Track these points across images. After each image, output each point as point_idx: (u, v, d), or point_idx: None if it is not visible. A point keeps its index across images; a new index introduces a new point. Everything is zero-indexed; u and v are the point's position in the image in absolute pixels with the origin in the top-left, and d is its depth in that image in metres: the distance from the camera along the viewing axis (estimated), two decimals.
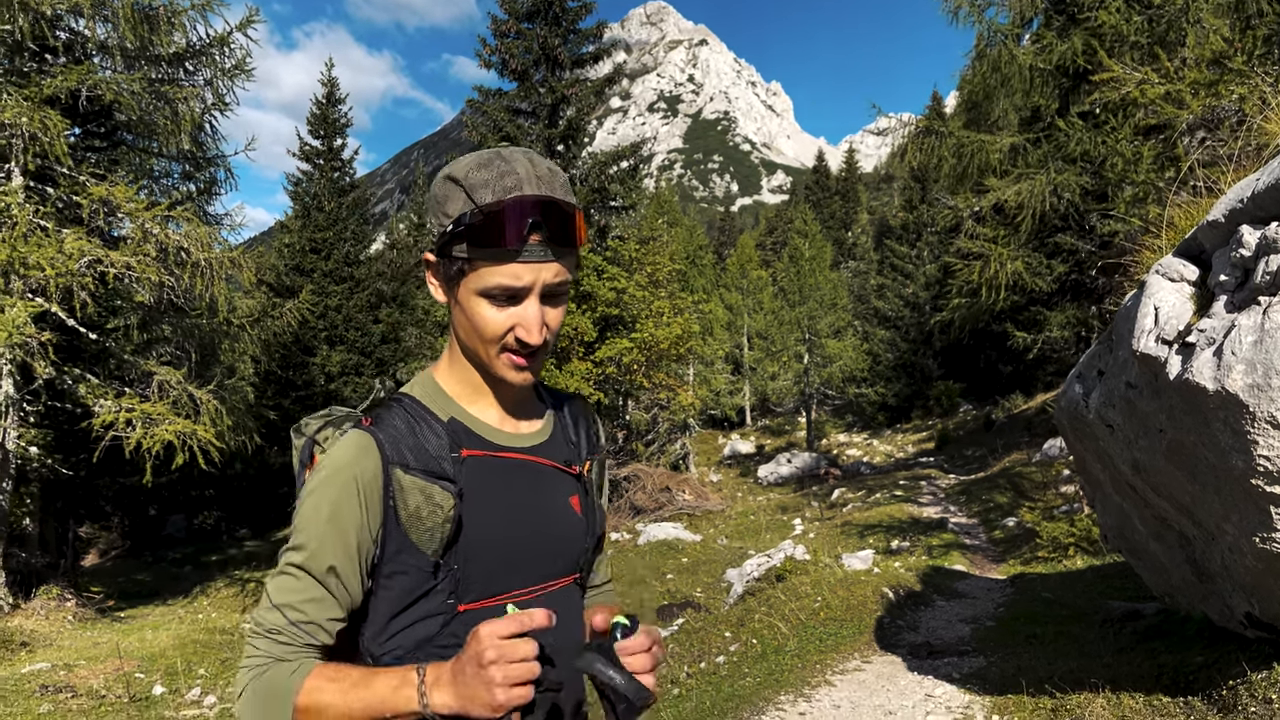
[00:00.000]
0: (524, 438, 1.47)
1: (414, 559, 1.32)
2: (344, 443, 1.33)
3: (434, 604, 1.33)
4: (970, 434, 33.37)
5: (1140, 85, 8.54)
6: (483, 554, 1.35)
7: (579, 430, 1.58)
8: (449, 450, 1.35)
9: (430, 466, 1.33)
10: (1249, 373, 3.32)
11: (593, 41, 23.04)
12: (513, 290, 1.30)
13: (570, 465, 1.50)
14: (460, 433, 1.39)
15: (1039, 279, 15.17)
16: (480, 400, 1.44)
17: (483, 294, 1.31)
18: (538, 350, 1.35)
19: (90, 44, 13.27)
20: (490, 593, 1.36)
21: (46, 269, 11.02)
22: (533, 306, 1.32)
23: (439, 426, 1.38)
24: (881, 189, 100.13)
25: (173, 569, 20.87)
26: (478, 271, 1.30)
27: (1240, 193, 3.73)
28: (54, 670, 9.19)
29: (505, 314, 1.32)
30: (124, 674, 9.12)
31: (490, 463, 1.39)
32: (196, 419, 12.65)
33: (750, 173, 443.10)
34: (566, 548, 1.47)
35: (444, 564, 1.32)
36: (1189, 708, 4.44)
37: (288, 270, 28.77)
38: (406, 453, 1.33)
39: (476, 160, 1.32)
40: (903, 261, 43.77)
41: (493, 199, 1.27)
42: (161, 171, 15.51)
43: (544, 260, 1.30)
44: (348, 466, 1.30)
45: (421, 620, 1.33)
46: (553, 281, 1.32)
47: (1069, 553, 12.16)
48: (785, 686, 6.93)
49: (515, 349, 1.34)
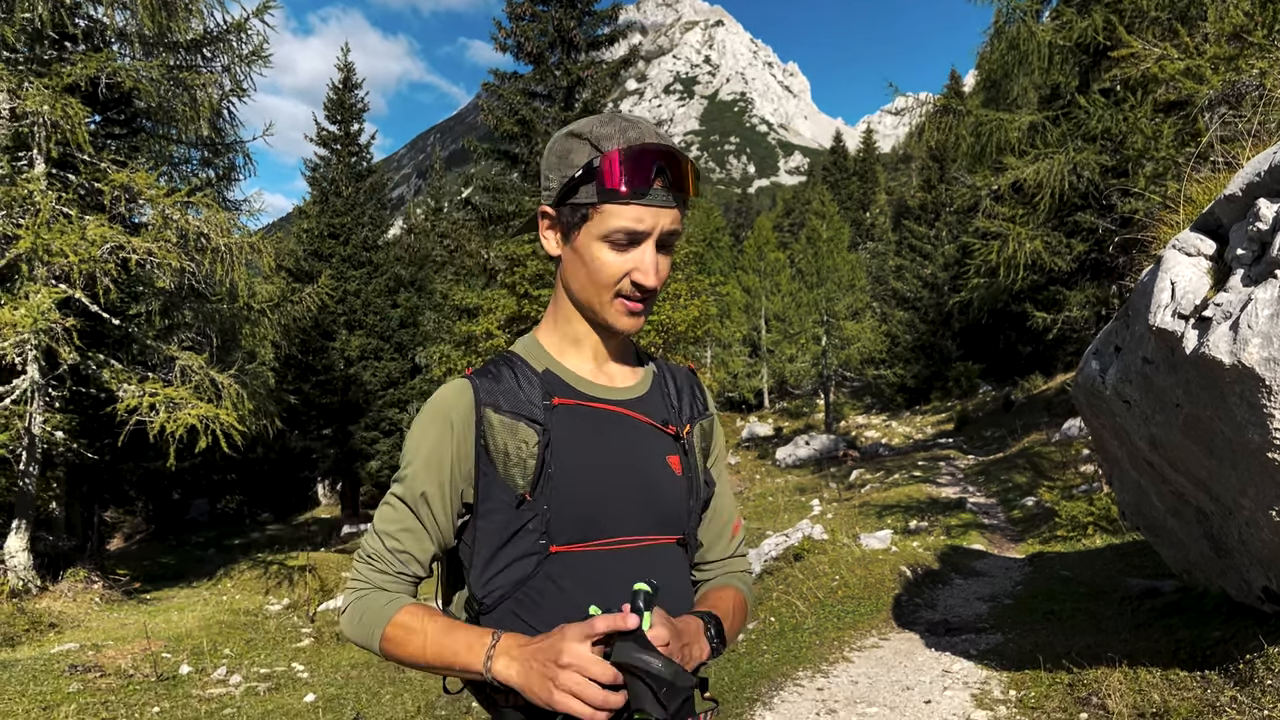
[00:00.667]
0: (618, 391, 1.51)
1: (504, 494, 1.38)
2: (443, 388, 1.45)
3: (527, 543, 1.38)
4: (989, 415, 33.24)
5: (1160, 61, 8.46)
6: (571, 497, 1.39)
7: (682, 395, 1.61)
8: (541, 398, 1.42)
9: (520, 410, 1.41)
10: (1265, 346, 3.32)
11: (608, 23, 22.94)
12: (635, 233, 1.36)
13: (667, 425, 1.52)
14: (553, 383, 1.46)
15: (1058, 258, 15.05)
16: (577, 354, 1.50)
17: (604, 238, 1.37)
18: (648, 297, 1.42)
19: (109, 31, 13.36)
20: (582, 537, 1.39)
21: (70, 255, 11.13)
22: (650, 251, 1.38)
23: (534, 377, 1.45)
24: (899, 169, 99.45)
25: (196, 552, 21.12)
26: (601, 215, 1.36)
27: (1257, 166, 3.72)
28: (82, 650, 9.33)
29: (623, 258, 1.38)
30: (151, 654, 9.25)
31: (580, 410, 1.44)
32: (218, 403, 12.78)
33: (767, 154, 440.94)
34: (663, 504, 1.48)
35: (532, 503, 1.37)
36: (1205, 681, 4.46)
37: (306, 255, 28.88)
38: (500, 397, 1.41)
39: (598, 119, 1.41)
40: (921, 242, 43.52)
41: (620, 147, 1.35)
42: (181, 158, 15.61)
43: (665, 205, 1.37)
44: (443, 407, 1.42)
45: (518, 560, 1.38)
46: (669, 229, 1.39)
47: (1088, 531, 12.15)
48: (803, 663, 6.98)
49: (629, 294, 1.40)
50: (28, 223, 11.37)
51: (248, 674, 8.97)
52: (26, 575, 12.19)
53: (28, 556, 12.38)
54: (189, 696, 8.03)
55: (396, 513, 1.42)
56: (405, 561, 1.42)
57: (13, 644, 9.91)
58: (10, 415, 11.86)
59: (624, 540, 1.42)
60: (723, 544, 1.67)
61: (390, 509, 1.43)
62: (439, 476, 1.40)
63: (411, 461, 1.41)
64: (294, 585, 14.64)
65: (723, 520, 1.67)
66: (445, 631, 1.33)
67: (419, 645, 1.34)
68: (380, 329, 29.77)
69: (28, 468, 12.32)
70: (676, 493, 1.50)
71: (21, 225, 11.48)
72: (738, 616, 1.56)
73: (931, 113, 16.00)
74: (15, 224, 11.64)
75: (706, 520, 1.63)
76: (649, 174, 1.34)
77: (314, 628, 11.59)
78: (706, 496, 1.60)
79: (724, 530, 1.67)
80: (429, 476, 1.40)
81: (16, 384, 11.93)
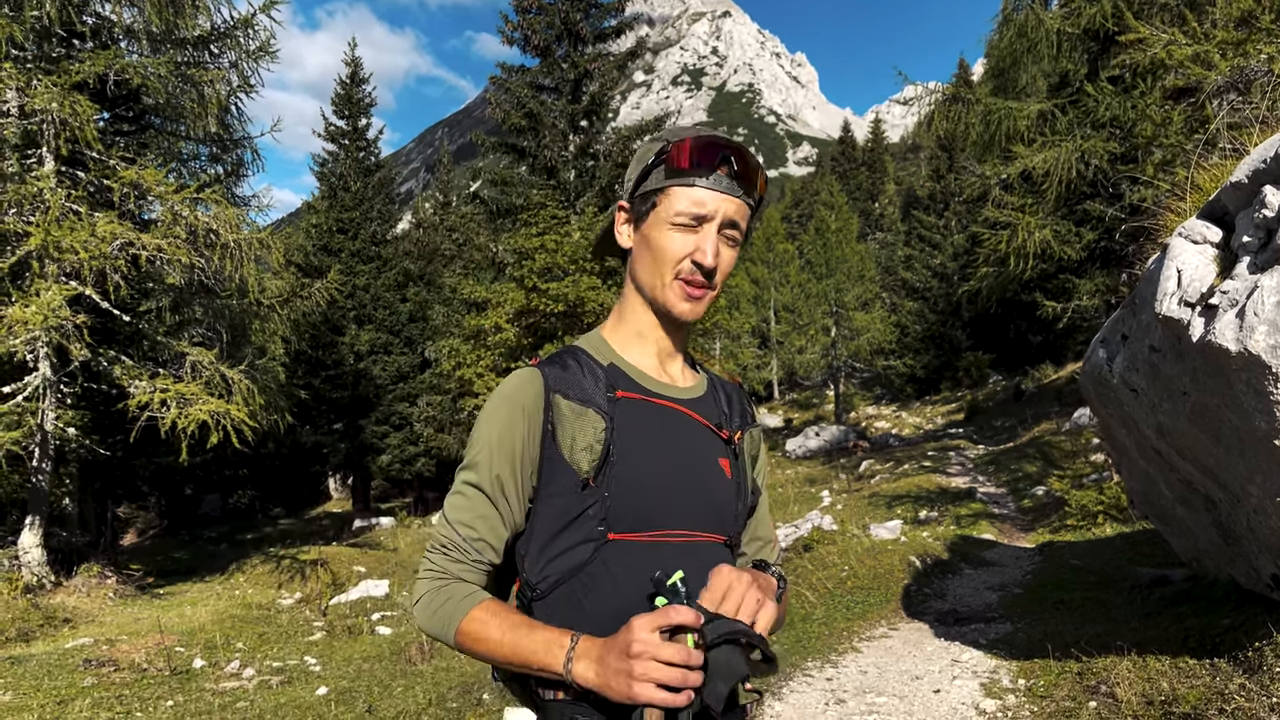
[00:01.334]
0: (678, 389, 1.55)
1: (568, 478, 1.40)
2: (511, 376, 1.48)
3: (586, 529, 1.40)
4: (999, 405, 33.16)
5: (1168, 46, 8.42)
6: (632, 485, 1.41)
7: (732, 404, 1.65)
8: (605, 390, 1.46)
9: (586, 398, 1.45)
10: (1272, 333, 3.31)
11: (614, 15, 22.90)
12: (699, 215, 1.43)
13: (720, 429, 1.56)
14: (617, 376, 1.50)
15: (1068, 247, 14.98)
16: (640, 350, 1.55)
17: (671, 220, 1.44)
18: (708, 284, 1.46)
19: (117, 28, 13.38)
20: (641, 527, 1.41)
21: (80, 252, 11.18)
22: (712, 233, 1.44)
23: (599, 370, 1.49)
24: (908, 159, 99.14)
25: (209, 547, 21.21)
26: (668, 198, 1.44)
27: (1264, 153, 3.70)
28: (96, 645, 9.40)
29: (687, 239, 1.44)
30: (164, 648, 9.32)
31: (643, 405, 1.48)
32: (229, 399, 12.83)
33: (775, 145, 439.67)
34: (714, 503, 1.51)
35: (595, 488, 1.40)
36: (1214, 669, 4.45)
37: (315, 250, 28.96)
38: (568, 386, 1.45)
39: (671, 129, 1.50)
40: (930, 232, 43.41)
41: (690, 138, 1.45)
42: (189, 154, 15.65)
43: (729, 193, 1.44)
44: (513, 392, 1.45)
45: (576, 546, 1.40)
46: (733, 216, 1.45)
47: (1098, 520, 12.12)
48: (813, 653, 6.99)
49: (689, 277, 1.45)
50: (38, 220, 11.43)
51: (260, 668, 9.02)
52: (40, 571, 12.27)
53: (41, 552, 12.46)
54: (202, 690, 8.08)
55: (469, 500, 1.45)
56: (481, 549, 1.44)
57: (27, 639, 9.98)
58: (23, 412, 11.93)
59: (678, 534, 1.44)
60: (766, 552, 1.72)
61: (462, 497, 1.46)
62: (511, 460, 1.43)
63: (483, 447, 1.44)
64: (306, 579, 14.71)
65: (764, 532, 1.72)
66: (523, 630, 1.33)
67: (495, 641, 1.34)
68: (389, 323, 29.85)
69: (40, 464, 12.40)
70: (727, 494, 1.53)
71: (32, 223, 11.53)
72: (785, 601, 1.58)
73: (940, 102, 15.94)
74: (25, 221, 11.68)
75: (750, 528, 1.68)
76: (714, 160, 1.42)
77: (326, 621, 11.64)
78: (752, 503, 1.64)
79: (768, 541, 1.73)
80: (502, 460, 1.43)
81: (28, 381, 12.01)
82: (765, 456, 1.74)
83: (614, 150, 22.39)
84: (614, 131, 22.97)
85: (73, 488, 15.02)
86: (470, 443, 1.47)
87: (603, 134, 22.83)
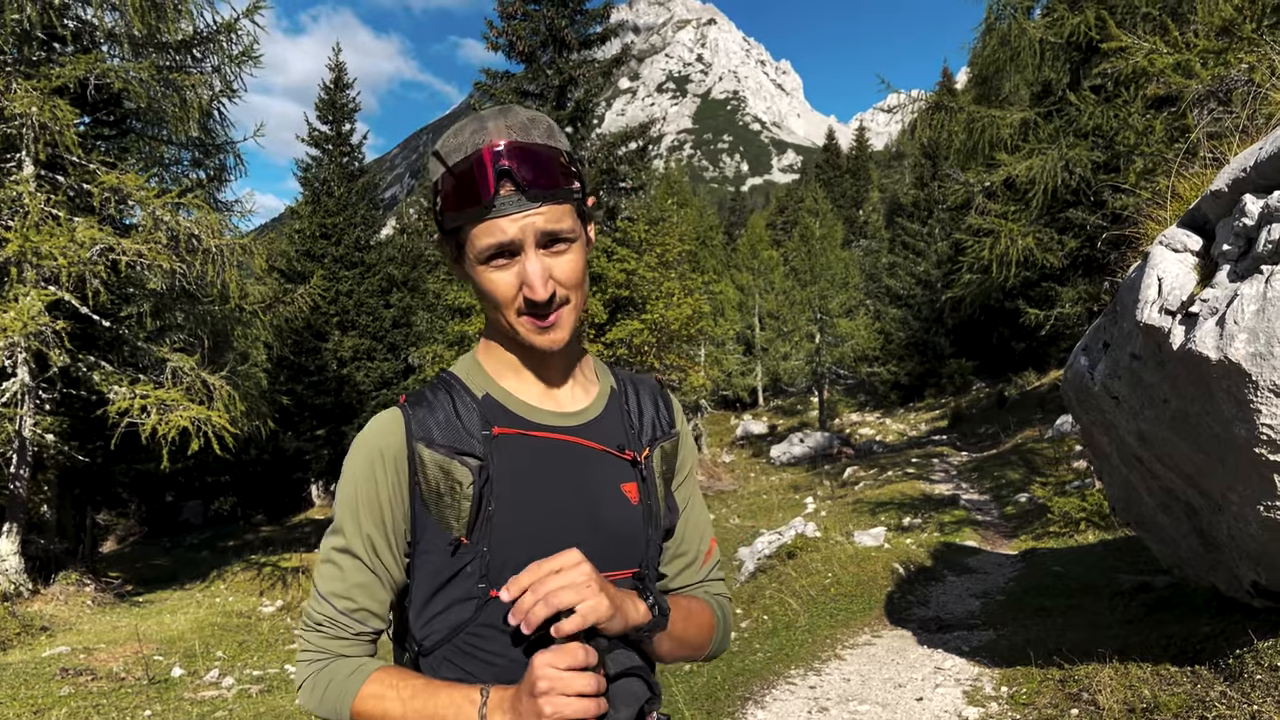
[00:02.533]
0: (567, 416, 1.38)
1: (437, 539, 1.27)
2: (372, 422, 1.31)
3: (465, 587, 1.27)
4: (983, 411, 33.28)
5: (1149, 55, 8.48)
6: (513, 537, 1.27)
7: (644, 413, 1.48)
8: (480, 428, 1.30)
9: (457, 443, 1.28)
10: (1251, 341, 3.32)
11: (600, 22, 22.91)
12: (503, 246, 1.22)
13: (623, 450, 1.39)
14: (494, 410, 1.33)
15: (1050, 254, 15.06)
16: (518, 377, 1.37)
17: (480, 261, 1.24)
18: (552, 307, 1.27)
19: (98, 32, 13.30)
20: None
21: (59, 258, 11.09)
22: (531, 261, 1.23)
23: (473, 404, 1.32)
24: (892, 166, 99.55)
25: (190, 554, 21.06)
26: (469, 237, 1.24)
27: (1243, 162, 3.72)
28: (74, 654, 9.31)
29: (511, 274, 1.25)
30: (143, 657, 9.23)
31: (524, 441, 1.31)
32: (210, 405, 12.73)
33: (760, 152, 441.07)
34: (617, 536, 1.35)
35: (470, 545, 1.26)
36: (1196, 676, 4.46)
37: (299, 256, 28.83)
38: (434, 429, 1.28)
39: (454, 128, 1.28)
40: (914, 239, 43.56)
41: (462, 159, 1.22)
42: (171, 159, 15.56)
43: (524, 209, 1.21)
44: (372, 441, 1.29)
45: (456, 604, 1.28)
46: (547, 229, 1.23)
47: (1080, 527, 12.17)
48: (796, 661, 6.98)
49: (531, 312, 1.27)
50: (16, 225, 11.34)
51: (240, 676, 8.95)
52: (18, 579, 12.15)
53: (19, 560, 12.35)
54: (180, 699, 8.00)
55: (342, 570, 1.29)
56: (363, 619, 1.30)
57: (4, 647, 9.88)
58: (1, 418, 11.82)
59: None
60: (691, 571, 1.55)
61: (333, 567, 1.30)
62: (379, 516, 1.28)
63: (348, 507, 1.29)
64: (287, 587, 14.61)
65: (691, 547, 1.55)
66: (425, 696, 1.21)
67: (398, 716, 1.21)
68: (373, 329, 29.74)
69: (19, 470, 12.29)
70: (633, 524, 1.38)
71: (10, 228, 11.44)
72: (695, 620, 1.45)
73: (924, 109, 16.02)
74: (4, 226, 11.60)
75: (671, 548, 1.52)
76: (489, 182, 1.20)
77: None
78: (669, 524, 1.48)
79: (695, 557, 1.56)
80: (369, 518, 1.28)
81: (7, 386, 11.90)
82: (692, 461, 1.57)
83: (599, 157, 22.40)
84: (599, 138, 22.98)
85: (51, 494, 14.88)
86: (336, 502, 1.32)
87: (588, 140, 22.83)
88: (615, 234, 22.42)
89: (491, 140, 1.22)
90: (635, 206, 24.92)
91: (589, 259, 1.38)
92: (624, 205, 24.07)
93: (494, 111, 1.28)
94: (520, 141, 1.23)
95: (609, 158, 22.47)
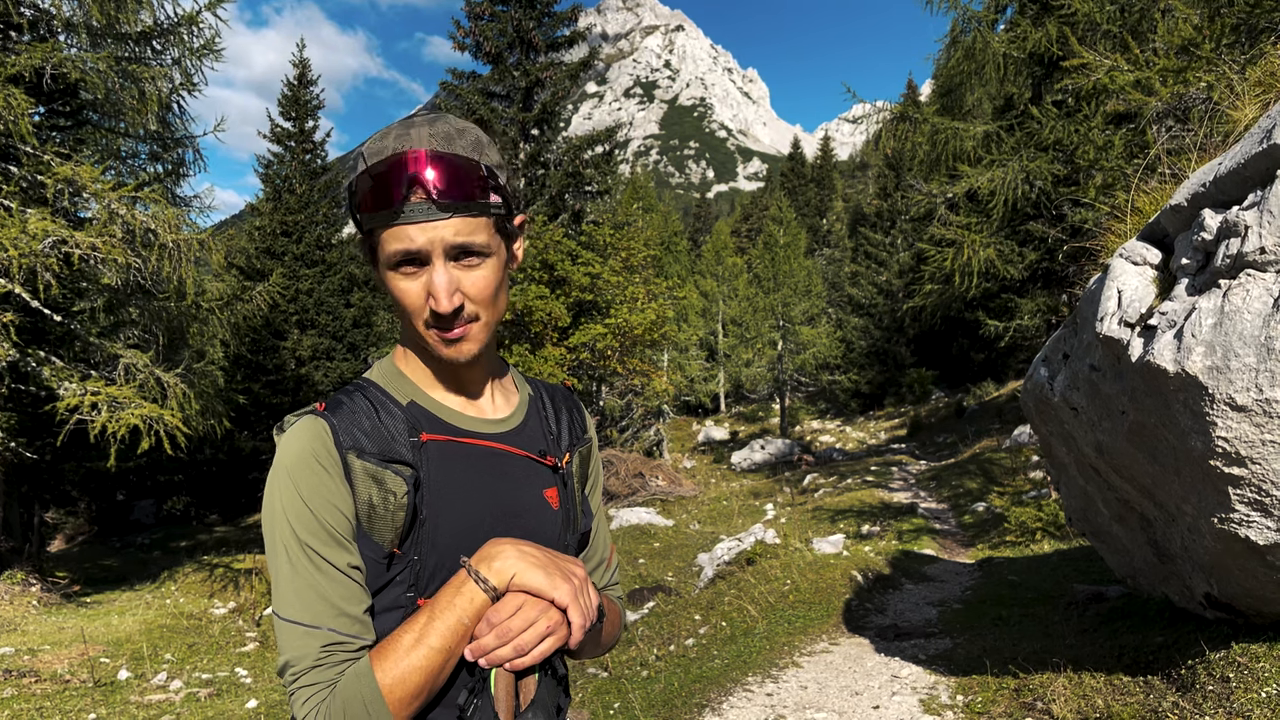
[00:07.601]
0: (491, 424, 1.37)
1: (369, 550, 1.22)
2: (296, 429, 1.23)
3: (393, 596, 1.23)
4: (942, 421, 33.62)
5: (1110, 72, 8.58)
6: (443, 545, 1.25)
7: (560, 421, 1.50)
8: (407, 435, 1.26)
9: (386, 451, 1.23)
10: (1209, 355, 3.35)
11: (568, 25, 22.91)
12: (409, 254, 1.20)
13: (545, 456, 1.40)
14: (420, 417, 1.30)
15: (1011, 266, 15.26)
16: (441, 385, 1.35)
17: (388, 265, 1.22)
18: (459, 321, 1.24)
19: (56, 21, 13.02)
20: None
21: (9, 249, 10.83)
22: (438, 272, 1.21)
23: (398, 411, 1.28)
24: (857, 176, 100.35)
25: (140, 554, 20.66)
26: (380, 241, 1.22)
27: (1203, 177, 3.75)
28: (17, 655, 9.08)
29: (419, 284, 1.22)
30: (89, 659, 9.03)
31: (451, 448, 1.30)
32: (163, 403, 12.50)
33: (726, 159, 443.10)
34: (541, 543, 1.30)
35: (401, 555, 1.23)
36: (1148, 686, 4.49)
37: (258, 253, 28.53)
38: (362, 437, 1.23)
39: (383, 130, 1.26)
40: (877, 249, 43.98)
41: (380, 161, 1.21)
42: (129, 152, 15.27)
43: (433, 218, 1.19)
44: (302, 452, 1.20)
45: (386, 612, 1.23)
46: (455, 241, 1.20)
47: (1036, 537, 12.29)
48: (753, 668, 6.96)
49: (437, 324, 1.24)
50: None
51: (189, 680, 8.77)
52: None
53: None
54: (127, 703, 7.83)
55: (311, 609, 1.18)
56: (358, 633, 1.19)
57: None
58: None
59: None
60: (599, 573, 1.59)
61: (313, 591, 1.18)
62: (333, 517, 1.20)
63: (299, 517, 1.19)
64: (240, 589, 14.37)
65: (599, 553, 1.59)
66: (423, 622, 1.15)
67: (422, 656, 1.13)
68: (333, 329, 29.47)
69: None
70: (554, 529, 1.40)
71: None
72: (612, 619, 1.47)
73: (889, 120, 16.16)
74: None
75: (583, 555, 1.55)
76: (400, 187, 1.18)
77: (259, 632, 11.38)
78: (585, 528, 1.52)
79: (603, 560, 1.60)
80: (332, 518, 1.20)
81: None
82: (598, 466, 1.59)
83: (565, 159, 22.37)
84: (565, 141, 22.97)
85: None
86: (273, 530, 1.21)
87: (554, 143, 22.80)
88: (580, 238, 22.38)
89: (412, 146, 1.20)
90: (601, 210, 24.93)
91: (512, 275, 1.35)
92: (589, 209, 24.06)
93: (424, 119, 1.27)
94: (439, 150, 1.21)
95: (575, 161, 22.45)
